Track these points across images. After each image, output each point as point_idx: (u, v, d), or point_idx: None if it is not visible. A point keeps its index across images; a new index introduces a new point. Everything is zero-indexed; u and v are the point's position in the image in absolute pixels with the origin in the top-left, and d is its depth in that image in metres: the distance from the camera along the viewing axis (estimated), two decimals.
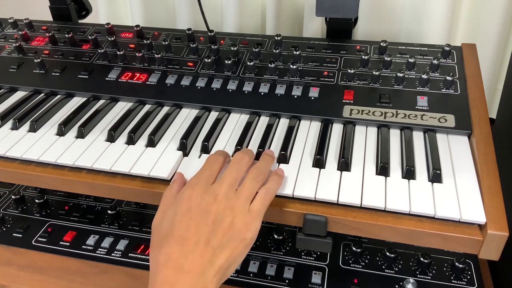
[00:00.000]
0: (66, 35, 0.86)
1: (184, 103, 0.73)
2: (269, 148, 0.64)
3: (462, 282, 0.71)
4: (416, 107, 0.67)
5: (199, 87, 0.74)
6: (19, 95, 0.79)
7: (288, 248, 0.78)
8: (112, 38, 0.84)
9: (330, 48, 0.79)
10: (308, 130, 0.67)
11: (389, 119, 0.66)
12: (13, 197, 0.91)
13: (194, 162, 0.62)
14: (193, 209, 0.50)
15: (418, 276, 0.72)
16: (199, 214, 0.49)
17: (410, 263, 0.74)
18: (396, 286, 0.71)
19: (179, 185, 0.56)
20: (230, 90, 0.73)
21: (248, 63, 0.75)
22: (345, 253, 0.76)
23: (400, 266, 0.74)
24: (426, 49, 0.77)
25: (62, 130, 0.68)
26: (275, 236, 0.78)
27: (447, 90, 0.69)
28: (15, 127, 0.70)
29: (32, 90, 0.79)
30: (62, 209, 0.88)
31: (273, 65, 0.74)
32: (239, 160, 0.55)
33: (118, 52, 0.80)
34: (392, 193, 0.55)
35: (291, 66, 0.73)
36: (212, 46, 0.80)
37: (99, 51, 0.81)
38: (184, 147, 0.64)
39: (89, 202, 0.90)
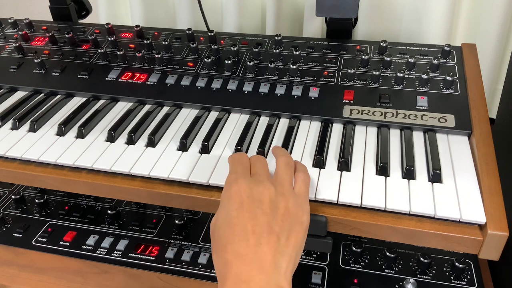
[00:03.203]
0: (66, 35, 0.86)
1: (184, 103, 0.73)
2: (269, 148, 0.64)
3: (462, 282, 0.71)
4: (416, 107, 0.67)
5: (199, 87, 0.74)
6: (19, 95, 0.79)
7: None
8: (112, 38, 0.84)
9: (330, 48, 0.79)
10: (308, 130, 0.67)
11: (389, 119, 0.66)
12: (13, 197, 0.91)
13: (194, 162, 0.61)
14: (246, 202, 0.48)
15: (418, 276, 0.72)
16: (254, 204, 0.47)
17: (410, 263, 0.74)
18: (396, 286, 0.71)
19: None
20: (230, 90, 0.73)
21: (248, 63, 0.75)
22: (345, 253, 0.76)
23: (400, 266, 0.74)
24: (426, 49, 0.77)
25: (62, 130, 0.68)
26: None
27: (447, 90, 0.69)
28: (15, 127, 0.70)
29: (32, 90, 0.79)
30: (62, 209, 0.89)
31: (273, 65, 0.74)
32: (258, 157, 0.55)
33: (118, 52, 0.80)
34: (392, 193, 0.55)
35: (291, 66, 0.73)
36: (212, 46, 0.80)
37: (99, 51, 0.81)
38: (184, 147, 0.64)
39: (89, 202, 0.90)
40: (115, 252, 0.79)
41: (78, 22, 0.98)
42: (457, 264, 0.71)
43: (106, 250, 0.80)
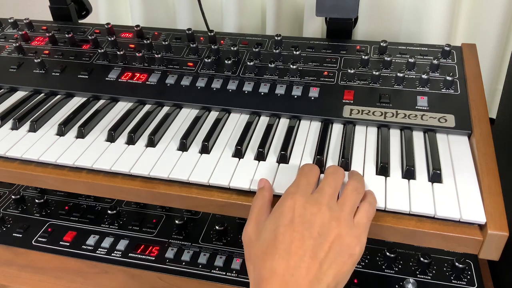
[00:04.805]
0: (66, 35, 0.86)
1: (184, 103, 0.73)
2: (269, 148, 0.64)
3: (462, 282, 0.71)
4: (416, 107, 0.67)
5: (199, 87, 0.74)
6: (19, 95, 0.79)
7: None
8: (112, 38, 0.84)
9: (330, 48, 0.79)
10: (308, 130, 0.67)
11: (389, 119, 0.66)
12: (13, 197, 0.91)
13: (194, 162, 0.61)
14: (296, 220, 0.47)
15: (418, 276, 0.72)
16: (303, 225, 0.46)
17: (410, 263, 0.74)
18: (396, 286, 0.71)
19: (270, 193, 0.54)
20: (230, 90, 0.73)
21: (248, 63, 0.75)
22: None
23: (400, 266, 0.74)
24: (426, 49, 0.77)
25: (62, 130, 0.68)
26: None
27: (447, 90, 0.69)
28: (15, 127, 0.70)
29: (32, 90, 0.79)
30: (62, 209, 0.89)
31: (273, 65, 0.74)
32: (335, 171, 0.53)
33: (118, 52, 0.80)
34: (392, 193, 0.55)
35: (291, 66, 0.73)
36: (212, 46, 0.80)
37: (99, 51, 0.81)
38: (184, 147, 0.64)
39: (89, 202, 0.90)
40: (115, 252, 0.79)
41: (78, 22, 0.98)
42: (457, 264, 0.71)
43: (106, 250, 0.80)
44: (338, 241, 0.46)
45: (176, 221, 0.82)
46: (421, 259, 0.72)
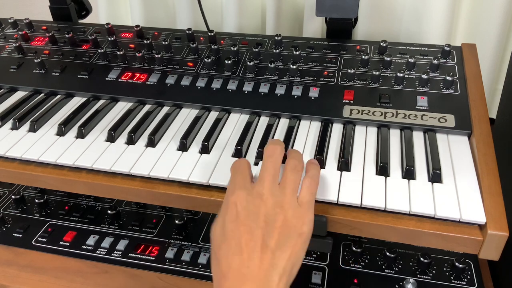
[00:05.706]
0: (66, 35, 0.86)
1: (184, 103, 0.73)
2: None
3: (462, 282, 0.71)
4: (416, 107, 0.67)
5: (199, 87, 0.74)
6: (19, 95, 0.79)
7: None
8: (112, 38, 0.84)
9: (330, 48, 0.79)
10: (308, 130, 0.67)
11: (389, 119, 0.66)
12: (13, 197, 0.91)
13: (194, 162, 0.61)
14: (241, 214, 0.48)
15: (418, 276, 0.72)
16: (249, 218, 0.47)
17: (410, 263, 0.74)
18: (396, 286, 0.71)
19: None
20: (230, 90, 0.73)
21: (248, 63, 0.75)
22: (345, 253, 0.76)
23: (400, 266, 0.74)
24: (426, 49, 0.77)
25: (62, 130, 0.68)
26: None
27: (447, 90, 0.69)
28: (15, 127, 0.70)
29: (32, 90, 0.79)
30: (62, 209, 0.89)
31: (273, 65, 0.74)
32: (272, 153, 0.53)
33: (118, 52, 0.80)
34: (392, 193, 0.55)
35: (291, 66, 0.73)
36: (212, 46, 0.80)
37: (99, 51, 0.81)
38: (184, 147, 0.64)
39: (89, 202, 0.90)
40: (115, 252, 0.79)
41: (78, 22, 0.98)
42: (457, 264, 0.71)
43: (106, 250, 0.80)
44: (285, 225, 0.47)
45: (176, 221, 0.82)
46: (421, 259, 0.72)
